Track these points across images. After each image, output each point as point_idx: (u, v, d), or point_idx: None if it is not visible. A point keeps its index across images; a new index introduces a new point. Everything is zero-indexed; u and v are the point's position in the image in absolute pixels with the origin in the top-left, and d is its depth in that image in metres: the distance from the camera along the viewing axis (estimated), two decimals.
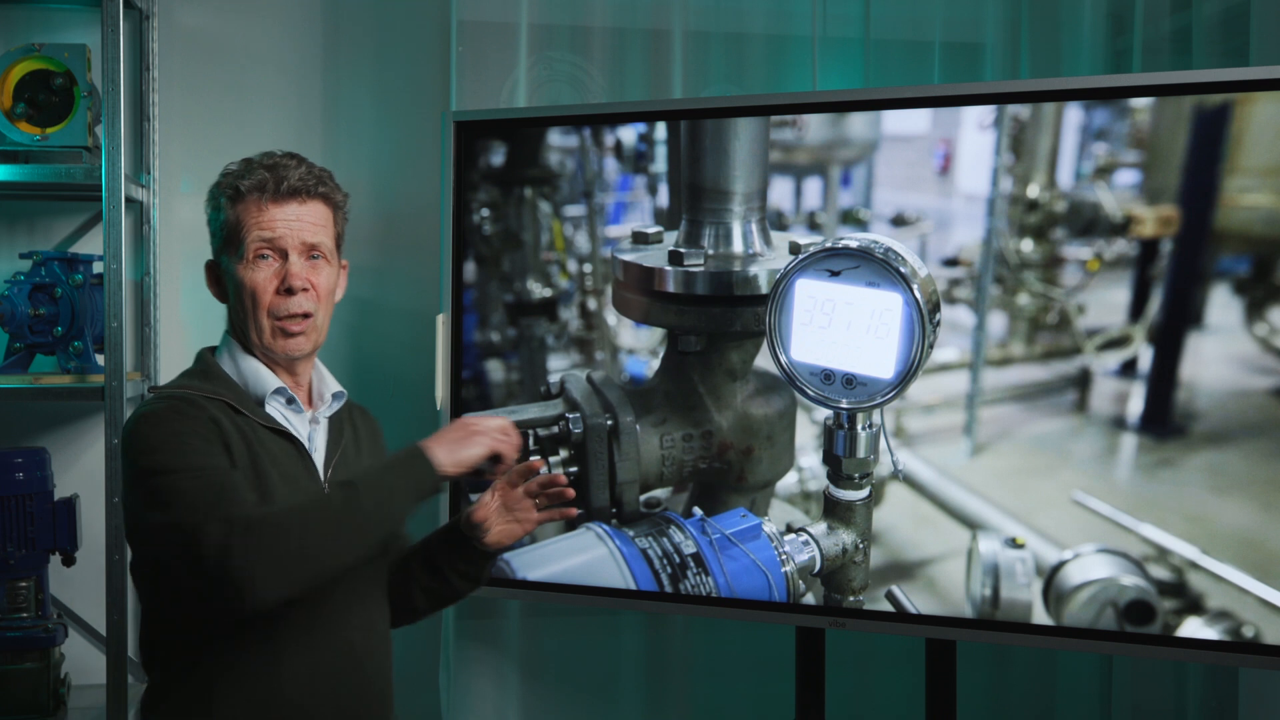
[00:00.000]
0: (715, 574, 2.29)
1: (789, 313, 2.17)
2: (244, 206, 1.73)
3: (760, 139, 2.31)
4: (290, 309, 1.73)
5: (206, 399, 1.69)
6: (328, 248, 1.77)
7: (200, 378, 1.75)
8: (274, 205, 1.73)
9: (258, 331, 1.74)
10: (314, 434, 1.80)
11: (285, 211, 1.73)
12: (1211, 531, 2.13)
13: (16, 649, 2.48)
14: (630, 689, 3.01)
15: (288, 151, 1.77)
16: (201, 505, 1.55)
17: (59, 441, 2.79)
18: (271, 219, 1.72)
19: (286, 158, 1.76)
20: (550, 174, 2.53)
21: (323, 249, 1.76)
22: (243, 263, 1.73)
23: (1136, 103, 2.17)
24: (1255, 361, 2.12)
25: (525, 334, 2.54)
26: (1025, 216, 2.25)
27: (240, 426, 1.70)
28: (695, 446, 2.33)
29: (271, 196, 1.72)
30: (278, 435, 1.73)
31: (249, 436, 1.70)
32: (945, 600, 2.29)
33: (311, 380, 1.83)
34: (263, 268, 1.72)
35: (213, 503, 1.55)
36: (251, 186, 1.72)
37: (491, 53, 2.93)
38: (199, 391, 1.71)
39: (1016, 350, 2.28)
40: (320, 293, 1.76)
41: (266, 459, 1.70)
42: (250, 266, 1.72)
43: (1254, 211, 2.11)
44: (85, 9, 2.72)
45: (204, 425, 1.65)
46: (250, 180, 1.72)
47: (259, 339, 1.74)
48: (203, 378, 1.75)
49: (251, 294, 1.72)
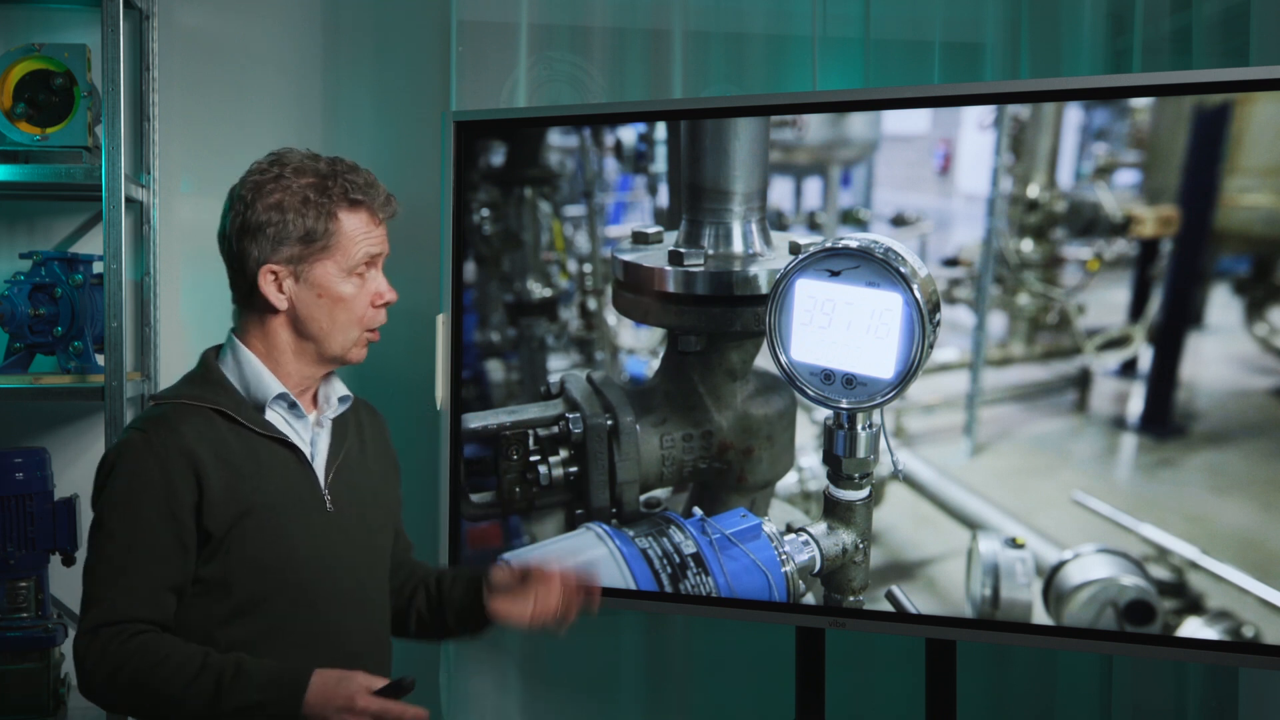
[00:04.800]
0: (715, 574, 2.29)
1: (789, 313, 2.17)
2: (359, 216, 1.73)
3: (760, 139, 2.31)
4: (380, 320, 1.77)
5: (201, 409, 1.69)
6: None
7: (200, 384, 1.73)
8: (378, 221, 1.75)
9: (344, 343, 1.75)
10: (316, 438, 1.78)
11: (383, 229, 1.77)
12: (1211, 531, 2.13)
13: (16, 649, 2.48)
14: (630, 689, 3.01)
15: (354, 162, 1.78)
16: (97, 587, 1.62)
17: (59, 441, 2.79)
18: (379, 235, 1.75)
19: (366, 171, 1.76)
20: (550, 174, 2.53)
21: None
22: (345, 274, 1.72)
23: (1136, 103, 2.17)
24: (1255, 361, 2.12)
25: (525, 334, 2.54)
26: (1025, 216, 2.25)
27: (237, 436, 1.69)
28: (695, 446, 2.33)
29: (380, 210, 1.75)
30: (276, 444, 1.72)
31: (246, 446, 1.69)
32: (945, 600, 2.29)
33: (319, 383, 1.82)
34: (365, 281, 1.74)
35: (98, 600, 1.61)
36: (367, 199, 1.73)
37: (491, 53, 2.93)
38: (195, 400, 1.70)
39: (1016, 350, 2.28)
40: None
41: (265, 469, 1.69)
42: (353, 280, 1.73)
43: (1254, 211, 2.11)
44: (85, 9, 2.72)
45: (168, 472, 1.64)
46: (367, 194, 1.73)
47: (343, 350, 1.75)
48: (202, 384, 1.73)
49: (353, 305, 1.73)
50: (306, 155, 1.74)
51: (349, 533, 1.77)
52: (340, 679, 1.58)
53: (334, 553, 1.74)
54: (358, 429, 1.86)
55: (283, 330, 1.73)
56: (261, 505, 1.67)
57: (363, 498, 1.81)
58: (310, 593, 1.71)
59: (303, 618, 1.69)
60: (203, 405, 1.70)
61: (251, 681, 1.57)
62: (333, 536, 1.74)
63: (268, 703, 1.57)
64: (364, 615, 1.79)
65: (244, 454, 1.69)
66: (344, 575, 1.75)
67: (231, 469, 1.67)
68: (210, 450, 1.66)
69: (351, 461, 1.81)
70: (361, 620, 1.78)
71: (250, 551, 1.67)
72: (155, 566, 1.63)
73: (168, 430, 1.66)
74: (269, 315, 1.73)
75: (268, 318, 1.73)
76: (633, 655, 3.00)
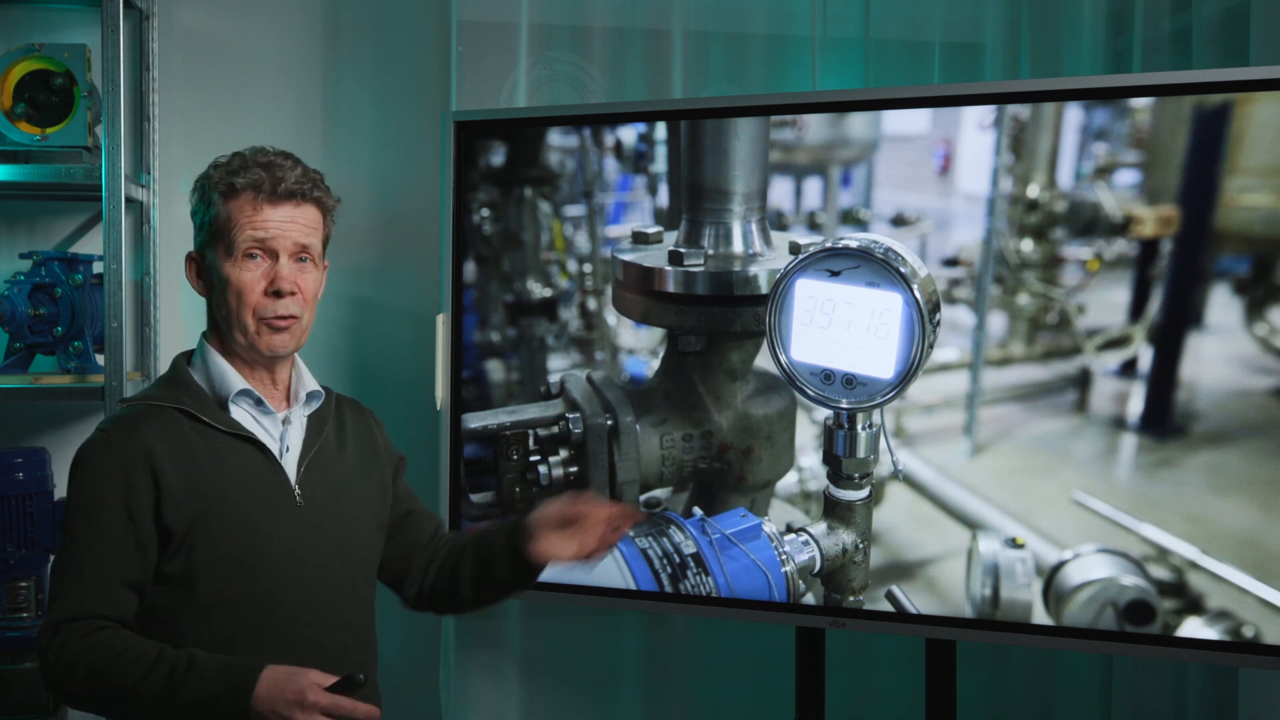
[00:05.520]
0: (715, 574, 2.29)
1: (789, 313, 2.17)
2: (237, 204, 1.71)
3: (760, 139, 2.31)
4: (277, 311, 1.72)
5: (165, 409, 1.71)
6: (316, 251, 1.76)
7: (167, 386, 1.75)
8: (269, 206, 1.71)
9: (241, 330, 1.72)
10: (286, 434, 1.77)
11: (280, 213, 1.71)
12: (1211, 531, 2.13)
13: (16, 649, 2.48)
14: (630, 689, 3.01)
15: (281, 150, 1.76)
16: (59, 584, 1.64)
17: (59, 441, 2.78)
18: (265, 219, 1.71)
19: (281, 157, 1.74)
20: (550, 174, 2.53)
21: (312, 252, 1.75)
22: (231, 260, 1.71)
23: (1136, 103, 2.17)
24: (1255, 361, 2.12)
25: (525, 334, 2.54)
26: (1025, 216, 2.25)
27: (201, 434, 1.70)
28: (695, 446, 2.33)
29: (268, 197, 1.71)
30: (241, 440, 1.72)
31: (209, 444, 1.70)
32: (945, 600, 2.29)
33: (290, 380, 1.81)
34: (252, 268, 1.71)
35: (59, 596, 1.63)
36: (247, 184, 1.70)
37: (491, 53, 2.93)
38: (159, 401, 1.72)
39: (1016, 350, 2.28)
40: (306, 296, 1.75)
41: (227, 466, 1.69)
42: (239, 265, 1.71)
43: (1254, 211, 2.11)
44: (85, 9, 2.72)
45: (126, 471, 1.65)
46: (246, 178, 1.70)
47: (243, 338, 1.73)
48: (169, 386, 1.75)
49: (238, 293, 1.71)
50: (249, 149, 1.75)
51: (321, 528, 1.76)
52: (291, 674, 1.57)
53: (305, 547, 1.73)
54: (338, 425, 1.85)
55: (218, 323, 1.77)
56: (223, 502, 1.67)
57: (338, 493, 1.80)
58: (280, 588, 1.70)
59: (273, 613, 1.69)
60: (166, 405, 1.71)
61: (203, 675, 1.57)
62: (303, 531, 1.73)
63: (219, 696, 1.56)
64: (338, 610, 1.77)
65: (205, 451, 1.69)
66: (315, 570, 1.74)
67: (192, 466, 1.67)
68: (169, 449, 1.67)
69: (327, 457, 1.80)
70: (335, 615, 1.76)
71: (215, 548, 1.67)
72: (113, 564, 1.64)
73: (128, 430, 1.68)
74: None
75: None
76: (633, 655, 3.00)
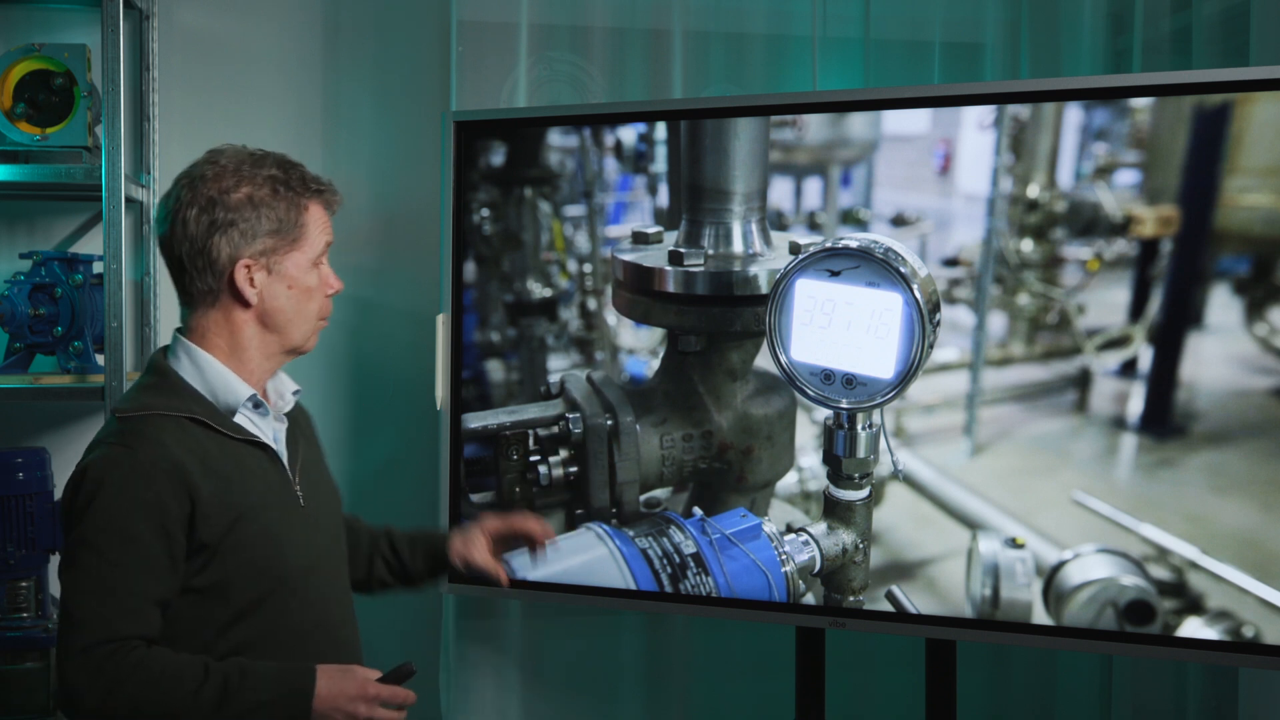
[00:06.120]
0: (715, 574, 2.29)
1: (789, 313, 2.17)
2: (317, 208, 1.74)
3: (760, 139, 2.31)
4: (330, 309, 1.79)
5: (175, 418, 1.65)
6: None
7: (166, 393, 1.68)
8: (329, 209, 1.77)
9: (304, 332, 1.76)
10: (278, 435, 1.78)
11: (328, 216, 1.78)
12: (1211, 531, 2.13)
13: (16, 649, 2.48)
14: (630, 689, 3.01)
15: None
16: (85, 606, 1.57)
17: (59, 441, 2.78)
18: (330, 224, 1.77)
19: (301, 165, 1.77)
20: (550, 174, 2.53)
21: None
22: (311, 264, 1.73)
23: (1136, 103, 2.17)
24: (1255, 361, 2.12)
25: (525, 334, 2.54)
26: (1025, 216, 2.25)
27: (216, 443, 1.67)
28: (695, 446, 2.33)
29: (330, 201, 1.77)
30: (251, 446, 1.71)
31: (226, 453, 1.67)
32: (945, 600, 2.29)
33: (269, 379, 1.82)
34: (324, 271, 1.76)
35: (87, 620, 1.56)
36: (325, 188, 1.75)
37: (491, 53, 2.93)
38: (167, 410, 1.66)
39: (1016, 350, 2.28)
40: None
41: (248, 473, 1.69)
42: (317, 269, 1.74)
43: (1254, 211, 2.11)
44: (85, 9, 2.72)
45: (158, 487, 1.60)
46: (319, 183, 1.74)
47: (303, 340, 1.76)
48: (168, 393, 1.68)
49: (316, 295, 1.75)
50: (246, 150, 1.72)
51: (322, 525, 1.79)
52: (343, 671, 1.61)
53: (314, 547, 1.76)
54: (297, 421, 1.86)
55: (249, 325, 1.72)
56: (250, 509, 1.67)
57: (322, 489, 1.84)
58: (300, 588, 1.71)
59: (296, 613, 1.70)
60: (178, 415, 1.66)
61: (259, 682, 1.58)
62: (310, 531, 1.76)
63: (277, 700, 1.57)
64: (345, 603, 1.82)
65: (226, 460, 1.67)
66: (324, 567, 1.77)
67: (219, 477, 1.65)
68: (196, 460, 1.63)
69: (308, 455, 1.83)
70: (344, 608, 1.81)
71: (245, 555, 1.66)
72: (145, 583, 1.59)
73: (151, 444, 1.62)
74: (235, 312, 1.71)
75: (234, 314, 1.71)
76: (633, 655, 3.01)
